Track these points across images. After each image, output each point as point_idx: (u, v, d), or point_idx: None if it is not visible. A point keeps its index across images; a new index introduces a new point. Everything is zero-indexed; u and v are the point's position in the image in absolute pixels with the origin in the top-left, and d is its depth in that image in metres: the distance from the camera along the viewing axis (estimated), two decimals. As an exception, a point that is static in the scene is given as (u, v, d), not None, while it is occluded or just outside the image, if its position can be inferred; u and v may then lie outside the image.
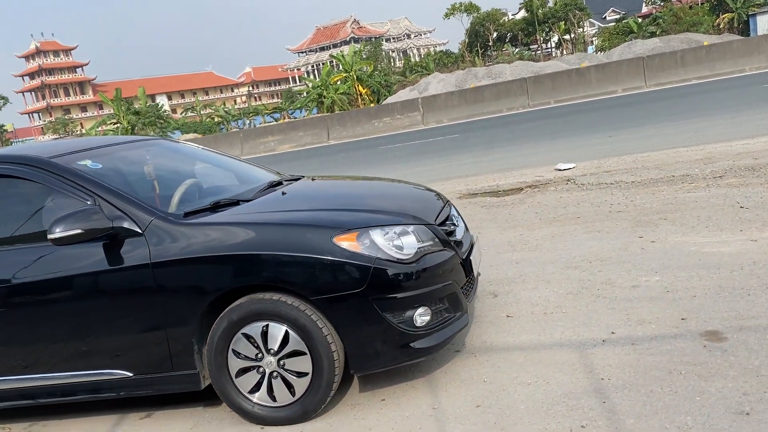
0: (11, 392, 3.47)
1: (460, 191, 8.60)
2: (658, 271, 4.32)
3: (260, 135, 21.27)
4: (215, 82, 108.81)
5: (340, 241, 3.05)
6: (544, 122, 14.86)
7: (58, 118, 73.30)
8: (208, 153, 4.70)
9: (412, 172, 11.24)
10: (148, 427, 3.47)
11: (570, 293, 4.23)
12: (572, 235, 5.52)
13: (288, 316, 3.03)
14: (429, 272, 3.19)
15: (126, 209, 3.22)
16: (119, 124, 43.09)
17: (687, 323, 3.50)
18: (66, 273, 3.25)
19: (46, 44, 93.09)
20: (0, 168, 3.44)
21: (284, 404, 3.15)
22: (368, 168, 12.77)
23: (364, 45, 63.63)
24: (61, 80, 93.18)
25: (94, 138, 4.30)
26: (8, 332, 3.36)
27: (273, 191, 3.76)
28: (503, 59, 45.53)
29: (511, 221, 6.42)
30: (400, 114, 19.67)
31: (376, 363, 3.13)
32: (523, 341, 3.67)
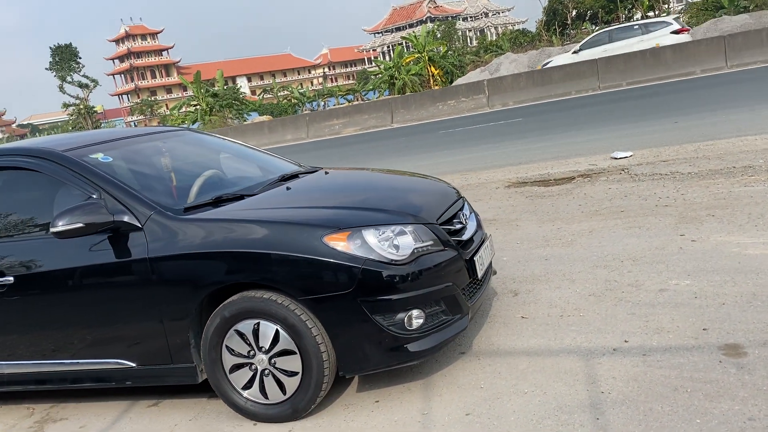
0: (27, 376, 3.63)
1: (510, 179, 8.36)
2: (691, 274, 4.04)
3: (325, 118, 21.41)
4: (293, 64, 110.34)
5: (330, 241, 3.00)
6: (611, 106, 14.22)
7: (144, 100, 76.41)
8: (232, 144, 4.73)
9: (466, 158, 11.04)
10: (153, 415, 3.56)
11: (593, 295, 4.03)
12: (611, 231, 5.26)
13: (278, 314, 3.01)
14: (424, 274, 3.09)
15: (127, 203, 3.27)
16: (198, 106, 44.38)
17: (707, 334, 3.26)
18: (73, 264, 3.34)
19: (134, 28, 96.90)
20: (14, 160, 3.57)
21: (275, 402, 3.15)
22: (423, 153, 12.63)
23: (438, 25, 62.79)
24: (148, 63, 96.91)
25: (117, 130, 4.41)
26: (22, 320, 3.51)
27: (278, 186, 3.73)
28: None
29: (552, 214, 6.18)
30: (465, 97, 19.31)
31: (365, 365, 3.07)
32: (531, 346, 3.52)
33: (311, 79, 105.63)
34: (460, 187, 8.49)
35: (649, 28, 19.85)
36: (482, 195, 7.72)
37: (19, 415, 3.91)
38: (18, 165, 3.56)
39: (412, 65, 41.62)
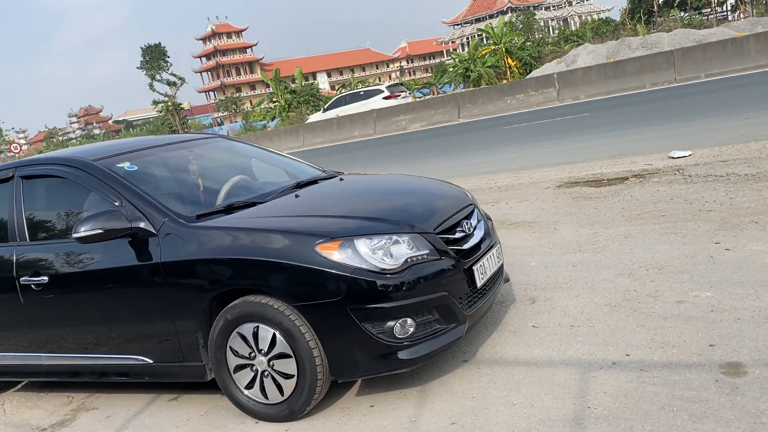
0: (63, 368, 3.94)
1: (561, 179, 8.21)
2: (714, 286, 3.90)
3: (392, 114, 21.52)
4: (372, 58, 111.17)
5: (322, 250, 3.10)
6: (684, 100, 13.61)
7: (228, 97, 79.08)
8: (261, 151, 4.91)
9: (524, 155, 10.89)
10: (171, 408, 3.79)
11: (608, 304, 3.96)
12: (646, 237, 5.11)
13: (274, 319, 3.15)
14: (416, 283, 3.15)
15: (144, 210, 3.50)
16: (277, 103, 45.56)
17: (713, 351, 3.16)
18: (97, 267, 3.61)
19: (220, 27, 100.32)
20: (48, 169, 3.89)
21: (274, 402, 3.30)
22: (483, 150, 12.54)
23: (517, 15, 61.59)
24: (233, 60, 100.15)
25: (152, 138, 4.66)
26: (56, 316, 3.82)
27: (288, 194, 3.87)
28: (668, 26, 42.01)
29: (592, 217, 6.05)
30: (534, 90, 18.93)
31: (355, 371, 3.17)
32: (533, 356, 3.51)
33: (389, 73, 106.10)
34: (510, 186, 8.42)
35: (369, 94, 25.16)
36: (529, 195, 7.63)
37: (60, 403, 4.25)
38: (52, 173, 3.87)
39: (488, 57, 41.08)
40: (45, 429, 3.88)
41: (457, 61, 44.45)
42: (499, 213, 7.03)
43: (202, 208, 3.71)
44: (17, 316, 3.92)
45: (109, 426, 3.74)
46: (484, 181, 9.21)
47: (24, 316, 3.89)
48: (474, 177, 9.77)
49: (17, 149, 42.05)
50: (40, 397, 4.42)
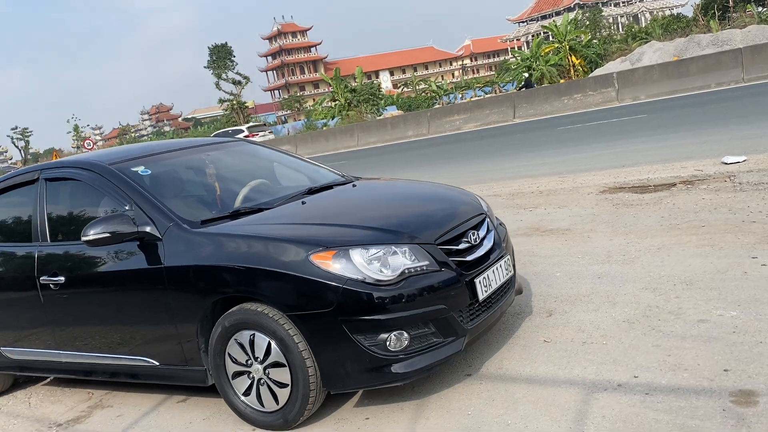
0: (78, 366, 4.06)
1: (606, 184, 7.93)
2: (742, 305, 3.66)
3: (446, 114, 21.32)
4: (435, 57, 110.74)
5: (316, 259, 3.07)
6: (750, 101, 12.94)
7: (291, 95, 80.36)
8: (281, 155, 4.92)
9: (573, 158, 10.59)
10: (178, 410, 3.85)
11: (626, 321, 3.78)
12: (680, 249, 4.86)
13: (269, 328, 3.14)
14: (412, 295, 3.08)
15: (151, 215, 3.55)
16: (337, 101, 45.96)
17: (726, 376, 2.96)
18: (108, 269, 3.69)
19: (286, 26, 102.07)
20: (67, 171, 4.00)
21: (270, 411, 3.29)
22: (533, 152, 12.26)
23: (583, 12, 60.05)
24: (297, 59, 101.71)
25: (174, 141, 4.74)
26: (72, 315, 3.93)
27: (295, 200, 3.85)
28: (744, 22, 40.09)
29: (629, 226, 5.81)
30: (593, 90, 18.37)
31: (347, 383, 3.12)
32: (538, 373, 3.38)
33: (452, 72, 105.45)
34: (552, 190, 8.20)
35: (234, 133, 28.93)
36: (569, 200, 7.40)
37: (80, 399, 4.38)
38: (71, 176, 3.98)
39: (551, 55, 40.24)
40: (61, 425, 4.01)
41: (519, 59, 43.78)
42: (535, 219, 6.85)
43: (213, 213, 3.74)
44: (38, 314, 4.05)
45: (118, 425, 3.82)
46: (527, 185, 9.00)
47: (44, 314, 4.03)
48: (518, 180, 9.57)
49: (90, 145, 43.96)
50: (64, 392, 4.57)
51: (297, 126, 53.32)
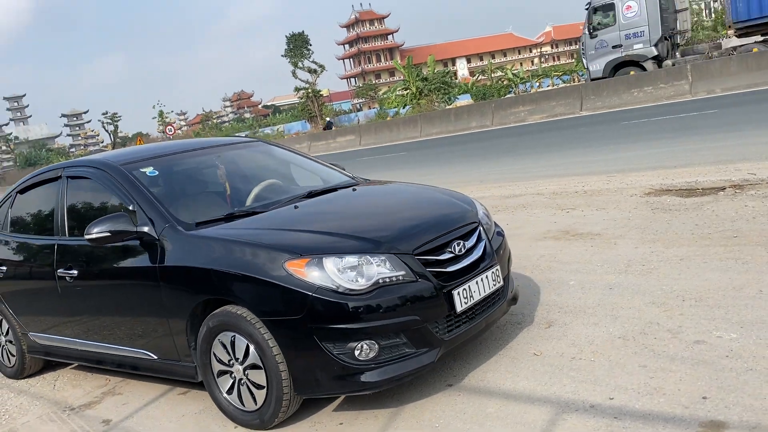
0: (90, 355, 4.31)
1: (652, 186, 7.62)
2: (744, 326, 3.48)
3: (511, 105, 20.90)
4: (514, 44, 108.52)
5: (290, 266, 3.13)
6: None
7: (366, 84, 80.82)
8: (295, 156, 5.00)
9: (627, 155, 10.21)
10: (176, 402, 4.02)
11: (622, 337, 3.66)
12: (702, 261, 4.64)
13: (247, 331, 3.24)
14: (383, 305, 3.10)
15: (151, 215, 3.71)
16: (409, 90, 45.95)
17: (702, 404, 2.83)
18: (113, 264, 3.89)
19: (363, 14, 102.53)
20: (84, 170, 4.23)
21: (249, 410, 3.40)
22: (590, 147, 11.88)
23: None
24: (374, 47, 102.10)
25: (192, 141, 4.91)
26: (83, 307, 4.17)
27: (289, 204, 3.91)
28: None
29: (660, 233, 5.58)
30: (664, 83, 17.54)
31: (316, 389, 3.18)
32: (516, 388, 3.33)
33: (531, 59, 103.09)
34: (595, 191, 7.95)
35: None
36: (609, 203, 7.16)
37: (98, 384, 4.65)
38: (86, 174, 4.21)
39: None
40: (74, 408, 4.27)
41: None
42: (569, 221, 6.68)
43: (212, 214, 3.85)
44: (57, 303, 4.32)
45: (121, 412, 4.04)
46: (573, 183, 8.76)
47: (61, 304, 4.29)
48: (567, 178, 9.33)
49: (171, 131, 45.76)
50: (86, 377, 4.85)
51: (370, 114, 53.65)
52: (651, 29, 19.58)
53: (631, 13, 19.73)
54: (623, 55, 20.23)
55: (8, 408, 4.51)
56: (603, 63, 20.64)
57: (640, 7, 19.55)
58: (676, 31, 20.96)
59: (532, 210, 7.69)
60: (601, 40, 20.58)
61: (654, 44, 19.63)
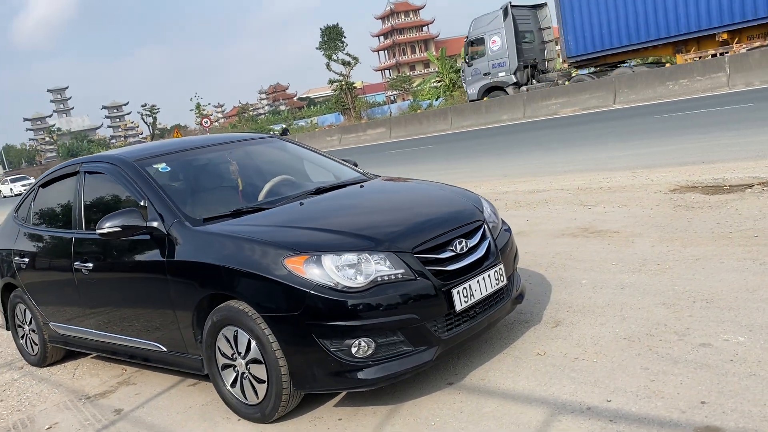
0: (105, 346, 4.43)
1: (678, 182, 7.47)
2: (753, 330, 3.40)
3: (543, 97, 20.60)
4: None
5: (289, 263, 3.17)
6: None
7: (399, 76, 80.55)
8: (308, 152, 5.03)
9: (656, 150, 10.02)
10: (185, 394, 4.11)
11: (627, 338, 3.62)
12: (718, 261, 4.54)
13: (248, 326, 3.29)
14: (381, 303, 3.11)
15: (161, 211, 3.79)
16: (442, 82, 45.60)
17: (700, 409, 2.79)
18: (125, 258, 3.98)
19: (399, 5, 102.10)
20: (100, 166, 4.34)
21: (251, 404, 3.45)
22: (620, 142, 11.67)
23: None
24: (409, 38, 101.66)
25: (206, 137, 4.98)
26: (98, 299, 4.28)
27: (295, 200, 3.95)
28: None
29: (679, 232, 5.48)
30: (701, 75, 17.10)
31: (313, 385, 3.22)
32: (516, 387, 3.32)
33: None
34: (620, 187, 7.83)
35: None
36: (632, 199, 7.05)
37: (114, 374, 4.78)
38: (101, 170, 4.31)
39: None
40: (90, 398, 4.40)
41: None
42: (589, 218, 6.60)
43: (219, 211, 3.89)
44: (74, 295, 4.45)
45: (133, 402, 4.15)
46: (599, 179, 8.64)
47: (78, 295, 4.41)
48: (593, 173, 9.20)
49: (208, 124, 46.34)
50: (104, 367, 4.99)
51: (403, 107, 53.49)
52: (510, 60, 23.63)
53: (496, 46, 23.77)
54: (491, 81, 24.30)
55: (29, 395, 4.66)
56: (477, 87, 24.95)
57: (502, 41, 23.52)
58: (539, 60, 24.68)
59: (553, 206, 7.61)
60: (475, 68, 24.87)
61: (513, 72, 23.67)
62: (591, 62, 23.06)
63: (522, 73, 23.83)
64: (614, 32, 21.02)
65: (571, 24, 22.16)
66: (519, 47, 23.60)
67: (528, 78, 23.99)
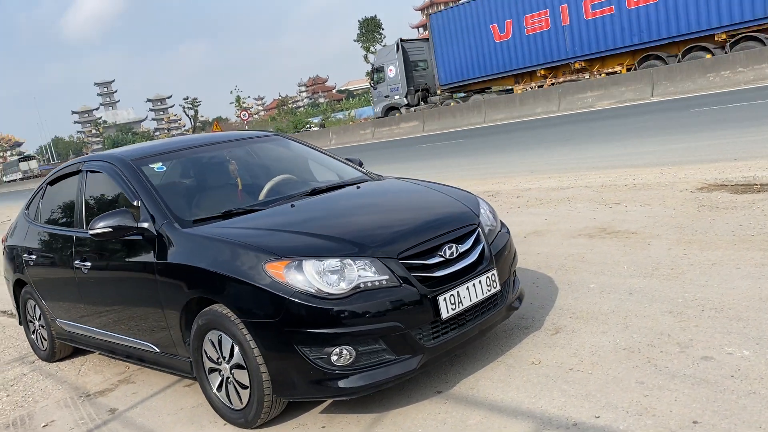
0: (104, 344, 4.45)
1: (706, 180, 7.18)
2: (760, 343, 3.21)
3: (578, 90, 20.08)
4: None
5: (270, 269, 3.11)
6: None
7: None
8: (311, 151, 4.96)
9: (686, 146, 9.66)
10: (180, 394, 4.10)
11: (627, 348, 3.46)
12: (735, 266, 4.32)
13: (230, 330, 3.24)
14: (362, 310, 3.03)
15: (152, 212, 3.76)
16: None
17: (690, 430, 2.63)
18: (119, 259, 3.98)
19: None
20: (100, 165, 4.34)
21: (236, 408, 3.41)
22: (654, 137, 11.30)
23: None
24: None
25: (208, 136, 4.94)
26: (96, 298, 4.30)
27: (287, 202, 3.88)
28: None
29: (698, 234, 5.24)
30: (743, 67, 16.41)
31: (293, 392, 3.15)
32: (504, 399, 3.20)
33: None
34: (646, 184, 7.56)
35: None
36: (656, 198, 6.79)
37: (117, 371, 4.81)
38: (101, 169, 4.32)
39: None
40: (90, 395, 4.43)
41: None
42: (608, 217, 6.38)
43: (211, 212, 3.84)
44: (75, 293, 4.48)
45: (129, 402, 4.16)
46: (625, 176, 8.36)
47: (79, 294, 4.45)
48: (620, 170, 8.92)
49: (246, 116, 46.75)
50: (109, 364, 5.02)
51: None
52: (402, 86, 29.09)
53: (392, 74, 29.36)
54: (390, 102, 30.07)
55: (33, 391, 4.73)
56: (380, 107, 30.76)
57: (396, 69, 29.02)
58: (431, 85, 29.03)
59: (575, 204, 7.39)
60: (379, 91, 30.57)
61: (405, 96, 29.22)
62: (459, 89, 28.09)
63: (412, 96, 29.16)
64: (469, 67, 26.36)
65: (440, 59, 27.48)
66: (409, 75, 29.01)
67: (419, 100, 29.12)
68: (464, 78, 26.64)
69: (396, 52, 28.85)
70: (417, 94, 29.07)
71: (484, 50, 25.45)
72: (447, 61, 27.10)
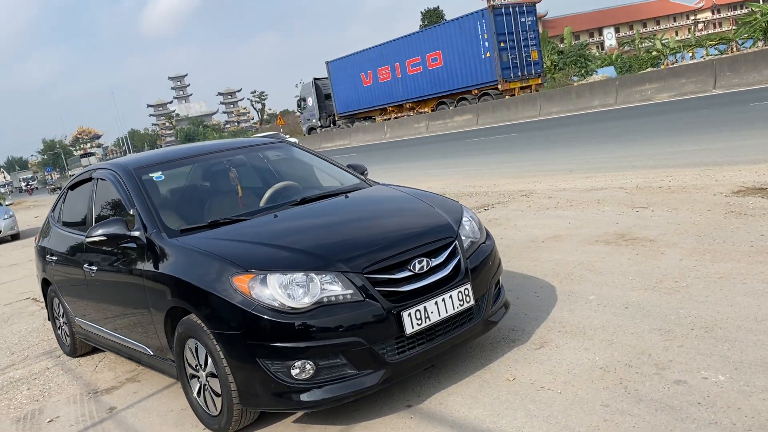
0: (111, 344, 4.66)
1: (744, 183, 6.86)
2: (741, 368, 3.07)
3: (637, 82, 19.36)
4: (669, 10, 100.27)
5: (236, 281, 3.18)
6: None
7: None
8: (314, 158, 5.02)
9: (733, 145, 9.23)
10: (175, 395, 4.23)
11: (603, 368, 3.37)
12: (741, 281, 4.13)
13: (203, 340, 3.34)
14: (323, 325, 3.07)
15: (145, 221, 3.91)
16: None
17: (638, 461, 2.55)
18: (116, 264, 4.15)
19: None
20: (105, 173, 4.53)
21: (212, 415, 3.52)
22: (706, 134, 10.82)
23: None
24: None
25: (214, 143, 5.07)
26: (102, 301, 4.51)
27: (270, 213, 3.94)
28: None
29: (716, 243, 5.02)
30: (814, 56, 15.54)
31: (256, 403, 3.22)
32: (469, 416, 3.18)
33: (689, 26, 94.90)
34: (679, 187, 7.29)
35: None
36: (686, 202, 6.54)
37: (127, 369, 5.03)
38: (106, 177, 4.51)
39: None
40: (97, 392, 4.65)
41: (759, 14, 38.21)
42: (631, 222, 6.19)
43: (201, 221, 3.94)
44: (86, 294, 4.72)
45: (128, 401, 4.34)
46: (662, 177, 8.08)
47: (89, 295, 4.68)
48: (659, 170, 8.62)
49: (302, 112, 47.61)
50: (122, 361, 5.25)
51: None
52: (316, 112, 42.02)
53: (310, 103, 42.55)
54: (310, 124, 42.92)
55: (51, 386, 5.01)
56: (306, 126, 43.71)
57: (312, 99, 42.13)
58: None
59: (603, 207, 7.19)
60: (304, 115, 43.87)
61: (318, 119, 42.05)
62: (350, 117, 39.27)
63: (325, 120, 41.70)
64: (352, 102, 38.26)
65: (336, 95, 39.42)
66: (321, 104, 41.42)
67: (330, 123, 41.29)
68: (351, 109, 38.55)
69: (312, 87, 41.76)
70: (329, 118, 41.44)
71: (357, 91, 37.36)
72: (340, 97, 39.04)
